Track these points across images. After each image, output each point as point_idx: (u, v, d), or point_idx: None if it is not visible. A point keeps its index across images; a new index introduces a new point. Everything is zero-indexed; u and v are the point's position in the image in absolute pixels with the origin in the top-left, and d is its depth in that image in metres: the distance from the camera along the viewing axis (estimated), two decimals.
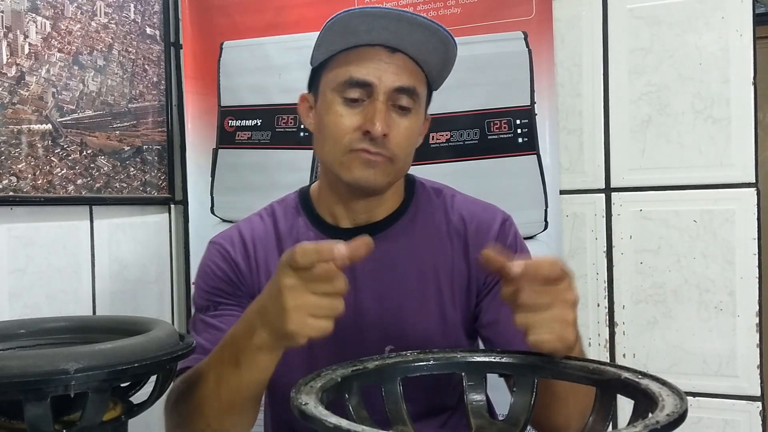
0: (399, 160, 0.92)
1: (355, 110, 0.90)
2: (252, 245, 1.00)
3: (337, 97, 0.91)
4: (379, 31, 0.89)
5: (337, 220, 0.99)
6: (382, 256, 0.95)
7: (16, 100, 1.23)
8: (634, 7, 1.40)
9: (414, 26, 0.88)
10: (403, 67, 0.90)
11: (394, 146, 0.90)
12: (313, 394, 0.59)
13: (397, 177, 0.95)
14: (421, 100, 0.93)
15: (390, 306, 0.96)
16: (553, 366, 0.70)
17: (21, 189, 1.24)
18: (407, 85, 0.90)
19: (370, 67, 0.89)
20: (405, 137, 0.91)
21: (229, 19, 1.60)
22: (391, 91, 0.89)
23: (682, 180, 1.38)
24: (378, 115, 0.88)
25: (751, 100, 1.34)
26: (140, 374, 0.69)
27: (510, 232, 1.01)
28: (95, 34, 1.41)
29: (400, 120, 0.91)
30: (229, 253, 1.00)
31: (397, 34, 0.89)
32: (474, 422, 0.71)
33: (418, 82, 0.92)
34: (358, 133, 0.89)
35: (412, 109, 0.92)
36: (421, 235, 0.99)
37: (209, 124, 1.63)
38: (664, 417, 0.52)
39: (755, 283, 1.34)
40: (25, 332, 0.83)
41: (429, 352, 0.75)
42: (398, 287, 0.96)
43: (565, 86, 1.45)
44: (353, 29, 0.89)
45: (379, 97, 0.89)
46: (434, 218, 1.00)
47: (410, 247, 0.98)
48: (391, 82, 0.89)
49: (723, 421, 1.37)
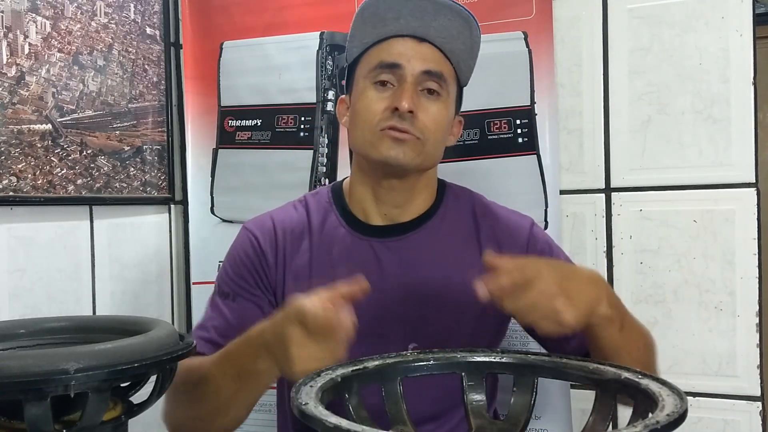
0: (428, 142, 0.94)
1: (385, 93, 0.94)
2: (282, 236, 1.02)
3: (369, 82, 0.95)
4: (406, 18, 0.93)
5: (368, 217, 1.01)
6: (410, 255, 0.98)
7: (16, 100, 1.23)
8: (634, 7, 1.40)
9: (438, 8, 0.92)
10: (430, 54, 0.94)
11: (422, 126, 0.93)
12: (313, 394, 0.59)
13: (426, 160, 0.96)
14: (449, 89, 0.96)
15: (415, 304, 0.97)
16: (553, 366, 0.71)
17: (21, 189, 1.24)
18: (435, 69, 0.94)
19: (401, 52, 0.94)
20: (433, 120, 0.94)
21: (229, 19, 1.60)
22: (419, 74, 0.93)
23: (682, 180, 1.38)
24: (405, 94, 0.92)
25: (751, 100, 1.34)
26: (140, 374, 0.69)
27: (540, 236, 1.03)
28: (95, 34, 1.41)
29: (428, 103, 0.94)
30: (259, 242, 1.02)
31: (423, 20, 0.93)
32: (474, 422, 0.71)
33: (445, 69, 0.95)
34: (387, 112, 0.93)
35: (441, 95, 0.95)
36: (449, 238, 1.00)
37: (209, 124, 1.63)
38: (664, 417, 0.52)
39: (755, 283, 1.34)
40: (25, 332, 0.83)
41: (429, 352, 0.75)
42: (424, 287, 0.97)
43: (565, 86, 1.45)
44: (381, 16, 0.94)
45: (407, 78, 0.93)
46: (464, 221, 1.02)
47: (438, 248, 0.99)
48: (419, 65, 0.93)
49: (723, 421, 1.37)
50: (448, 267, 0.98)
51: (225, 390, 0.85)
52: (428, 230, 1.00)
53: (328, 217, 1.02)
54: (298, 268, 1.00)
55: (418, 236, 0.99)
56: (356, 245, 0.99)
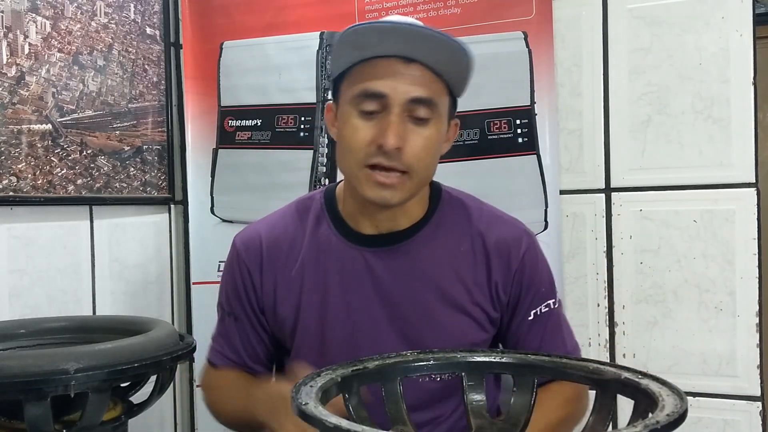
0: (417, 173, 0.90)
1: (371, 123, 0.89)
2: (269, 252, 1.01)
3: (353, 110, 0.90)
4: (391, 43, 0.87)
5: (360, 226, 0.98)
6: (403, 265, 0.97)
7: (16, 100, 1.23)
8: (634, 7, 1.40)
9: (425, 39, 0.87)
10: (419, 77, 0.88)
11: (410, 158, 0.88)
12: (313, 394, 0.59)
13: (416, 190, 0.93)
14: (440, 110, 0.91)
15: (408, 314, 0.96)
16: (553, 366, 0.70)
17: (21, 189, 1.24)
18: (423, 96, 0.88)
19: (385, 79, 0.88)
20: (423, 148, 0.89)
21: (229, 19, 1.60)
22: (406, 102, 0.88)
23: (682, 180, 1.38)
24: (391, 128, 0.86)
25: (751, 100, 1.34)
26: (140, 374, 0.70)
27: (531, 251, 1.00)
28: (95, 34, 1.41)
29: (417, 131, 0.89)
30: (245, 263, 1.02)
31: (410, 46, 0.87)
32: (474, 422, 0.71)
33: (435, 92, 0.89)
34: (372, 147, 0.88)
35: (431, 120, 0.89)
36: (442, 247, 0.98)
37: (209, 124, 1.63)
38: (664, 417, 0.52)
39: (755, 283, 1.34)
40: (25, 332, 0.83)
41: (429, 352, 0.75)
42: (417, 297, 0.96)
43: (565, 86, 1.45)
44: (364, 43, 0.88)
45: (393, 109, 0.87)
46: (457, 230, 1.00)
47: (431, 257, 0.98)
48: (405, 93, 0.87)
49: (723, 421, 1.37)
50: (441, 277, 0.97)
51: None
52: (421, 239, 0.98)
53: (320, 225, 1.00)
54: (291, 279, 0.99)
55: (410, 245, 0.98)
56: (348, 255, 0.97)
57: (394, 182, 0.89)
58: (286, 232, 1.01)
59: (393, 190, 0.89)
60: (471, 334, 0.98)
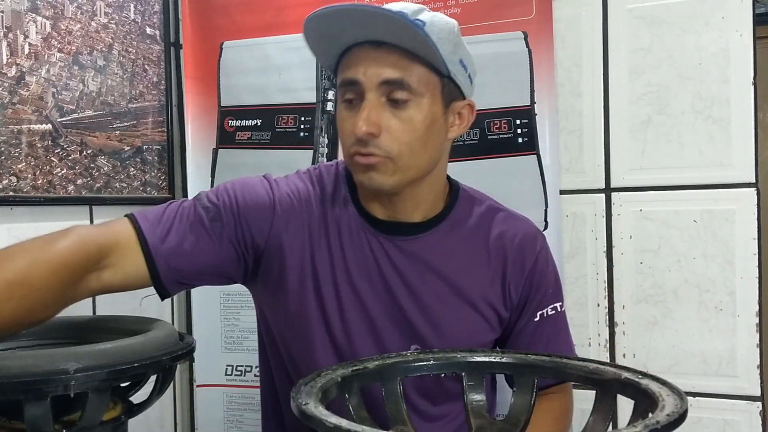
0: (401, 157, 0.88)
1: (353, 111, 0.89)
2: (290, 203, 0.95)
3: (341, 101, 0.91)
4: (352, 29, 0.87)
5: (374, 212, 0.97)
6: (417, 257, 0.96)
7: (16, 100, 1.23)
8: (634, 7, 1.40)
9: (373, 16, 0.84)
10: (389, 59, 0.86)
11: (389, 144, 0.87)
12: (313, 394, 0.59)
13: (408, 174, 0.90)
14: (420, 89, 0.88)
15: (418, 306, 0.96)
16: (553, 366, 0.71)
17: (21, 189, 1.24)
18: (393, 77, 0.86)
19: (358, 65, 0.88)
20: (404, 131, 0.87)
21: (229, 19, 1.60)
22: (377, 85, 0.87)
23: (682, 180, 1.38)
24: (360, 114, 0.86)
25: (751, 100, 1.34)
26: (140, 374, 0.69)
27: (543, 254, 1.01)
28: (95, 34, 1.41)
29: (396, 114, 0.87)
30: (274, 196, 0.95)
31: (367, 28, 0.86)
32: (474, 422, 0.71)
33: (408, 72, 0.87)
34: (353, 137, 0.88)
35: (410, 101, 0.87)
36: (458, 244, 0.98)
37: (209, 124, 1.63)
38: (664, 417, 0.52)
39: (755, 283, 1.34)
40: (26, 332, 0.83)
41: (429, 352, 0.75)
42: (428, 290, 0.96)
43: (565, 86, 1.45)
44: (331, 34, 0.88)
45: (366, 95, 0.87)
46: (474, 229, 1.00)
47: (446, 252, 0.97)
48: (376, 76, 0.86)
49: (723, 421, 1.37)
50: (455, 272, 0.97)
51: None
52: (437, 234, 0.98)
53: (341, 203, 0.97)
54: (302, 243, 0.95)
55: (426, 239, 0.97)
56: (368, 240, 0.96)
57: (374, 162, 0.87)
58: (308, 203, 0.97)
59: (375, 172, 0.88)
60: (480, 333, 0.98)
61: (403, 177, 0.90)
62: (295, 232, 0.95)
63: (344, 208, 0.97)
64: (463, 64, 0.92)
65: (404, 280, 0.96)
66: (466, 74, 0.93)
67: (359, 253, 0.95)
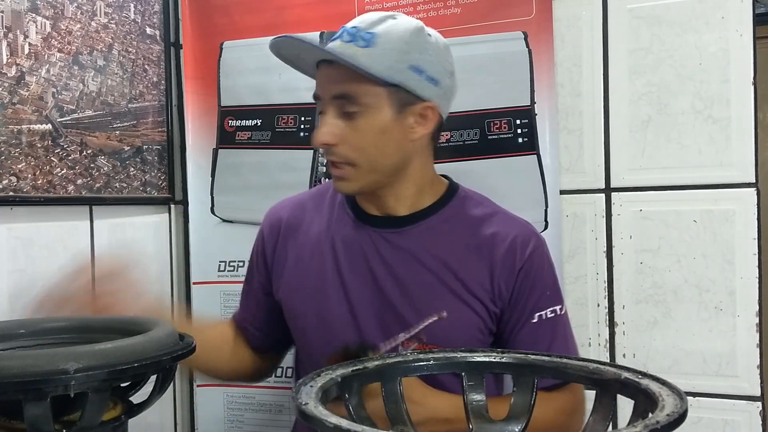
0: (363, 162, 0.96)
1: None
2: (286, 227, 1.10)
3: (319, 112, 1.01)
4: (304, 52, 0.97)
5: (367, 209, 1.06)
6: (404, 249, 1.01)
7: (16, 100, 1.23)
8: (634, 7, 1.40)
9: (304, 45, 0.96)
10: (337, 75, 0.95)
11: (346, 152, 0.96)
12: (313, 394, 0.59)
13: (374, 177, 0.99)
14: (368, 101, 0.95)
15: (404, 295, 1.00)
16: (553, 366, 0.70)
17: (21, 189, 1.24)
18: (339, 92, 0.96)
19: (319, 82, 0.99)
20: (360, 139, 0.95)
21: (229, 19, 1.60)
22: (331, 99, 0.96)
23: (682, 180, 1.38)
24: (318, 128, 0.97)
25: (751, 100, 1.34)
26: (140, 374, 0.69)
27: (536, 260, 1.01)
28: (95, 34, 1.41)
29: (349, 125, 0.96)
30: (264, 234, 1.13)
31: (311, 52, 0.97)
32: (474, 422, 0.71)
33: (354, 87, 0.95)
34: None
35: (359, 112, 0.95)
36: (448, 237, 1.01)
37: (209, 124, 1.63)
38: (664, 417, 0.52)
39: (755, 283, 1.34)
40: (25, 332, 0.83)
41: (429, 352, 0.75)
42: (415, 280, 1.00)
43: (565, 86, 1.45)
44: (294, 56, 0.99)
45: (324, 108, 0.97)
46: (467, 226, 1.03)
47: (434, 247, 1.01)
48: (329, 91, 0.97)
49: (723, 421, 1.37)
50: (442, 264, 1.00)
51: None
52: (427, 227, 1.02)
53: (337, 205, 1.08)
54: (304, 251, 1.07)
55: (415, 231, 1.02)
56: (357, 232, 1.04)
57: (343, 173, 0.97)
58: (305, 212, 1.11)
59: (345, 180, 0.98)
60: (467, 324, 0.99)
61: (368, 180, 0.99)
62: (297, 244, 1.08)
63: (339, 207, 1.07)
64: (418, 69, 0.95)
65: (391, 270, 1.00)
66: (420, 78, 0.96)
67: (348, 246, 1.04)
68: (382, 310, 1.00)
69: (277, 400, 1.58)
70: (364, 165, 0.97)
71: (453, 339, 0.95)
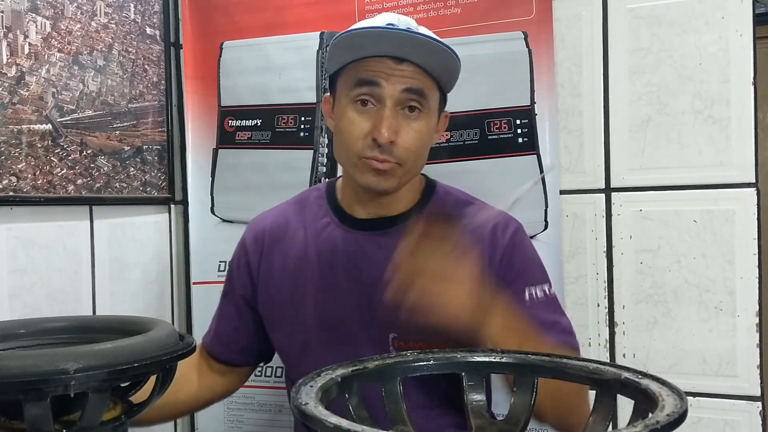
0: (408, 163, 0.96)
1: (366, 116, 0.94)
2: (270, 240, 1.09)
3: (350, 102, 0.96)
4: (384, 45, 0.93)
5: (355, 212, 1.05)
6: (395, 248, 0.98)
7: (16, 100, 1.23)
8: (634, 7, 1.40)
9: (416, 43, 0.92)
10: (410, 72, 0.94)
11: (402, 151, 0.94)
12: (313, 394, 0.59)
13: (407, 179, 0.99)
14: (430, 102, 0.96)
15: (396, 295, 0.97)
16: (553, 366, 0.70)
17: (21, 189, 1.24)
18: (415, 87, 0.93)
19: (380, 71, 0.93)
20: (415, 140, 0.95)
21: (229, 19, 1.60)
22: (398, 93, 0.93)
23: (682, 180, 1.38)
24: (385, 122, 0.92)
25: (751, 100, 1.34)
26: (140, 374, 0.69)
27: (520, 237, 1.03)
28: (95, 34, 1.41)
29: (410, 123, 0.94)
30: (246, 248, 1.11)
31: (401, 48, 0.92)
32: (474, 422, 0.71)
33: (426, 85, 0.95)
34: (368, 140, 0.94)
35: (423, 111, 0.95)
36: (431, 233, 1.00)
37: (209, 124, 1.63)
38: (664, 417, 0.52)
39: (755, 283, 1.34)
40: (25, 332, 0.83)
41: (429, 352, 0.75)
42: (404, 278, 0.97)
43: (565, 86, 1.45)
44: (359, 45, 0.93)
45: (386, 101, 0.93)
46: (448, 220, 1.01)
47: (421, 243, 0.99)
48: (398, 84, 0.93)
49: (723, 421, 1.37)
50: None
51: None
52: (414, 224, 1.00)
53: (319, 212, 1.08)
54: (288, 260, 1.07)
55: (401, 230, 1.01)
56: (344, 237, 1.04)
57: (388, 168, 0.95)
58: (288, 221, 1.09)
59: (386, 176, 0.96)
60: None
61: (404, 180, 0.99)
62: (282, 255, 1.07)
63: (323, 213, 1.07)
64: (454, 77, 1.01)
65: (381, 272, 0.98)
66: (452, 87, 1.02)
67: (336, 252, 1.03)
68: (374, 314, 1.00)
69: (277, 400, 1.58)
70: (408, 165, 0.97)
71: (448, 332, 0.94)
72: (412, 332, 0.97)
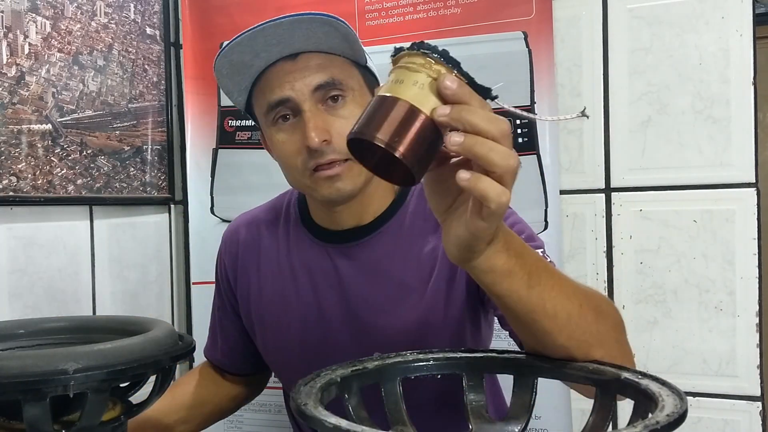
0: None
1: (292, 130, 0.88)
2: (243, 251, 1.05)
3: (271, 126, 0.90)
4: (266, 49, 0.86)
5: (326, 224, 0.98)
6: (367, 261, 0.95)
7: (16, 100, 1.23)
8: (634, 7, 1.40)
9: (292, 26, 0.84)
10: (311, 65, 0.86)
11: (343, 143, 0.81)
12: (313, 394, 0.59)
13: (367, 173, 0.88)
14: (351, 83, 0.88)
15: (374, 311, 0.94)
16: (553, 366, 0.70)
17: (21, 189, 1.24)
18: (323, 81, 0.86)
19: (282, 83, 0.86)
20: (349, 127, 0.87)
21: (229, 19, 1.60)
22: (311, 93, 0.86)
23: (682, 180, 1.38)
24: (308, 126, 0.85)
25: (751, 100, 1.34)
26: (139, 374, 0.69)
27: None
28: (95, 34, 1.41)
29: (338, 113, 0.87)
30: (223, 259, 1.08)
31: (283, 41, 0.85)
32: (473, 422, 0.71)
33: (335, 70, 0.87)
34: (304, 152, 0.87)
35: (347, 95, 0.87)
36: (408, 238, 0.95)
37: (209, 124, 1.63)
38: (664, 417, 0.52)
39: (755, 283, 1.34)
40: (25, 332, 0.83)
41: (429, 352, 0.75)
42: (382, 293, 0.94)
43: (565, 86, 1.45)
44: (243, 63, 0.87)
45: (303, 106, 0.86)
46: (426, 219, 0.95)
47: (397, 251, 0.95)
48: (305, 86, 0.86)
49: (723, 421, 1.37)
50: (407, 270, 0.94)
51: None
52: (387, 232, 0.95)
53: (291, 224, 1.02)
54: (262, 277, 1.03)
55: (373, 241, 0.95)
56: (315, 252, 0.98)
57: (338, 171, 0.87)
58: (261, 232, 1.04)
59: (342, 178, 0.87)
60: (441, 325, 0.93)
61: (366, 177, 0.89)
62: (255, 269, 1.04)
63: (295, 225, 1.01)
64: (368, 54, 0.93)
65: (358, 288, 0.94)
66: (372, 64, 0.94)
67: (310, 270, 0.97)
68: (358, 332, 0.95)
69: (277, 400, 1.57)
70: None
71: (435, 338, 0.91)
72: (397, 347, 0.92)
